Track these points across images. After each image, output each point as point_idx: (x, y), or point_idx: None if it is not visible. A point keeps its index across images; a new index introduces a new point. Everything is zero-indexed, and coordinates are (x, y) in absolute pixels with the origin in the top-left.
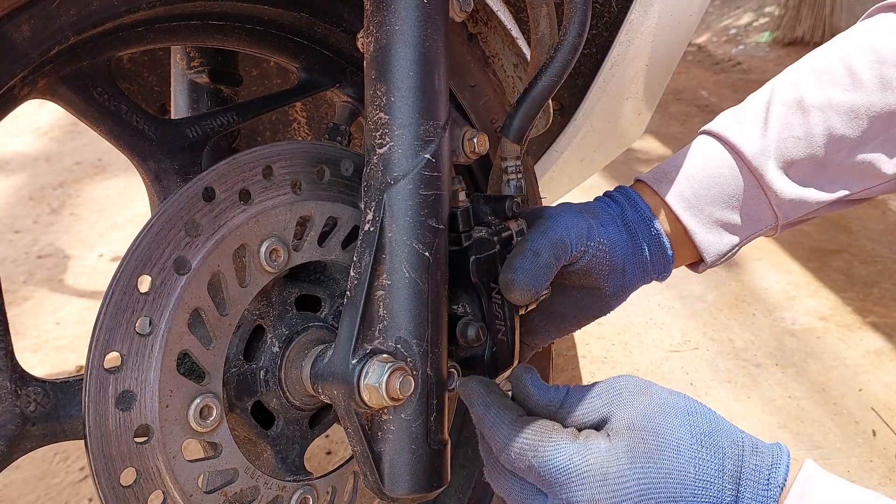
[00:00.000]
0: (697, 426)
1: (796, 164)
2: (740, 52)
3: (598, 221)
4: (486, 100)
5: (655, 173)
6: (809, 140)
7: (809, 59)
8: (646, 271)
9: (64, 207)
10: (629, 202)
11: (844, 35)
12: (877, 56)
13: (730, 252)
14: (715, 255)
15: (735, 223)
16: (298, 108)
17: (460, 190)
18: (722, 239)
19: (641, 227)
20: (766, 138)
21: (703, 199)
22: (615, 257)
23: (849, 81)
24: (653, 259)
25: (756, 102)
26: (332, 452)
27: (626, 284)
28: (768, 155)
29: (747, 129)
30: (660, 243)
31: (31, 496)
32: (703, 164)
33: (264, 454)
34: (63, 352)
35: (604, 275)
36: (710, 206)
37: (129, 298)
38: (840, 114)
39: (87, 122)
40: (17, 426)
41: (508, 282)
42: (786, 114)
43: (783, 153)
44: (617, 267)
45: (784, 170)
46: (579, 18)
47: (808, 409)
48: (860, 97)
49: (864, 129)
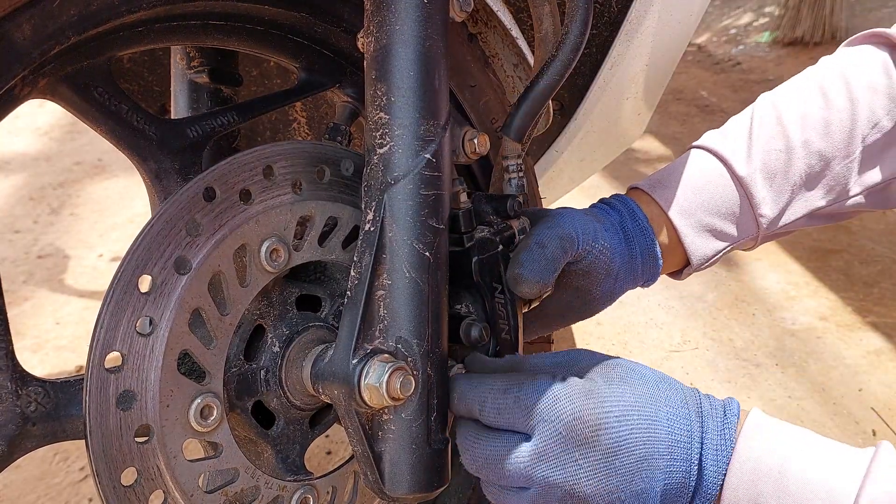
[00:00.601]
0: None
1: (778, 175)
2: (740, 52)
3: (603, 226)
4: (486, 100)
5: (650, 181)
6: (790, 153)
7: (786, 84)
8: (635, 278)
9: (64, 207)
10: (628, 211)
11: (818, 64)
12: (845, 81)
13: (714, 258)
14: (701, 258)
15: (721, 230)
16: (298, 108)
17: (462, 191)
18: (708, 244)
19: (639, 236)
20: (751, 150)
21: (694, 205)
22: (613, 263)
23: (822, 101)
24: (643, 267)
25: (739, 121)
26: (333, 452)
27: (615, 290)
28: (754, 167)
29: (733, 143)
30: (653, 253)
31: (31, 496)
32: (694, 173)
33: (265, 454)
34: (63, 352)
35: (600, 279)
36: (700, 212)
37: (129, 298)
38: (815, 128)
39: (87, 122)
40: (18, 426)
41: (516, 276)
42: (767, 128)
43: (767, 165)
44: (612, 273)
45: (768, 181)
46: (581, 17)
47: (808, 409)
48: (831, 113)
49: (835, 144)
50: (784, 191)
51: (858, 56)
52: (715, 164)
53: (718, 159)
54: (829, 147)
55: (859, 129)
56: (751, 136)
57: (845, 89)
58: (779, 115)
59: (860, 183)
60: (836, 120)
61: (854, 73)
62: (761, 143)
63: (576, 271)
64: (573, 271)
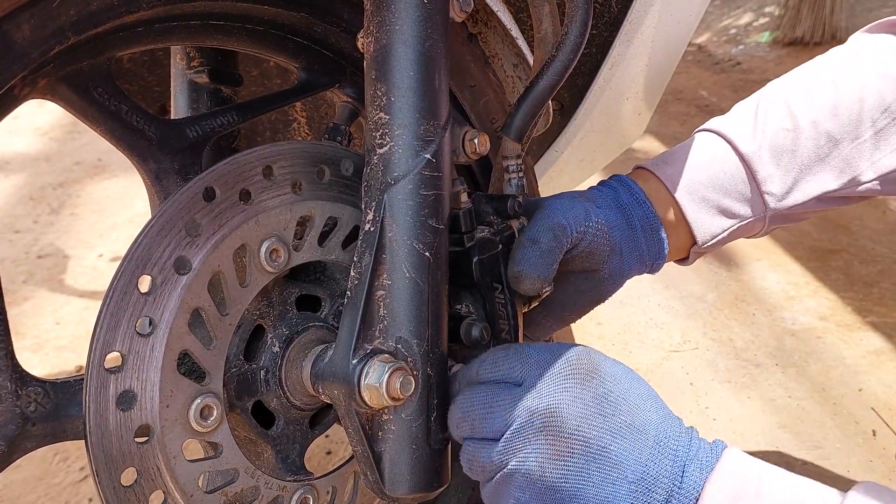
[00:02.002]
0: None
1: (785, 155)
2: (740, 52)
3: (595, 204)
4: (486, 100)
5: (653, 161)
6: (797, 132)
7: (794, 70)
8: (641, 255)
9: (64, 207)
10: (622, 186)
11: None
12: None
13: (720, 235)
14: (706, 234)
15: (727, 208)
16: (298, 108)
17: (462, 191)
18: (714, 221)
19: (635, 208)
20: (756, 129)
21: (696, 182)
22: (613, 238)
23: (830, 85)
24: (647, 242)
25: (744, 104)
26: (333, 452)
27: (623, 268)
28: (759, 143)
29: (738, 123)
30: (653, 225)
31: (31, 496)
32: (697, 151)
33: (265, 454)
34: (63, 352)
35: (604, 256)
36: (704, 188)
37: (129, 298)
38: (823, 108)
39: (87, 122)
40: (18, 426)
41: (515, 275)
42: (774, 110)
43: (774, 143)
44: (615, 248)
45: (775, 159)
46: (581, 17)
47: (808, 409)
48: (839, 95)
49: (843, 125)
50: (791, 169)
51: (871, 43)
52: (719, 142)
53: (722, 138)
54: (837, 128)
55: (867, 112)
56: (756, 117)
57: (854, 74)
58: (786, 97)
59: (874, 169)
60: (845, 102)
61: (864, 59)
62: (768, 122)
63: (577, 255)
64: (574, 256)
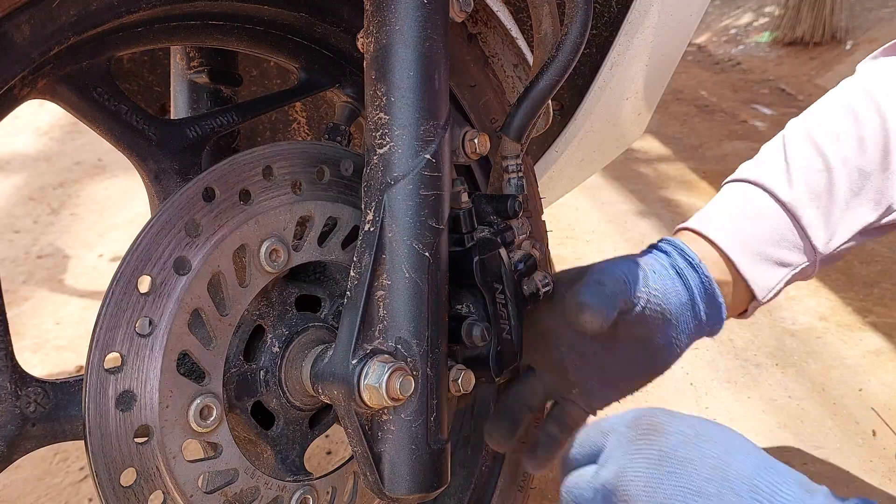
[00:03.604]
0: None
1: (823, 196)
2: (740, 52)
3: (651, 269)
4: (486, 100)
5: (695, 220)
6: (830, 172)
7: (812, 108)
8: (699, 322)
9: (64, 207)
10: (677, 251)
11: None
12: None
13: (777, 286)
14: (765, 289)
15: (781, 259)
16: (298, 108)
17: (463, 191)
18: (770, 273)
19: (692, 273)
20: (790, 175)
21: (746, 237)
22: (669, 305)
23: (852, 119)
24: (705, 307)
25: (771, 147)
26: (332, 452)
27: (679, 336)
28: (797, 190)
29: (770, 170)
30: (710, 289)
31: (31, 496)
32: (737, 204)
33: (264, 454)
34: (63, 352)
35: (657, 324)
36: (754, 242)
37: (129, 298)
38: (850, 145)
39: (87, 122)
40: (17, 426)
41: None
42: (803, 151)
43: (810, 188)
44: (671, 315)
45: (814, 203)
46: (581, 17)
47: (808, 409)
48: (863, 129)
49: (872, 158)
50: (832, 211)
51: (881, 70)
52: (757, 192)
53: (759, 188)
54: (867, 162)
55: (893, 142)
56: (787, 161)
57: (873, 105)
58: (811, 137)
59: None
60: (869, 135)
61: (879, 87)
62: (799, 166)
63: (630, 321)
64: (627, 321)
